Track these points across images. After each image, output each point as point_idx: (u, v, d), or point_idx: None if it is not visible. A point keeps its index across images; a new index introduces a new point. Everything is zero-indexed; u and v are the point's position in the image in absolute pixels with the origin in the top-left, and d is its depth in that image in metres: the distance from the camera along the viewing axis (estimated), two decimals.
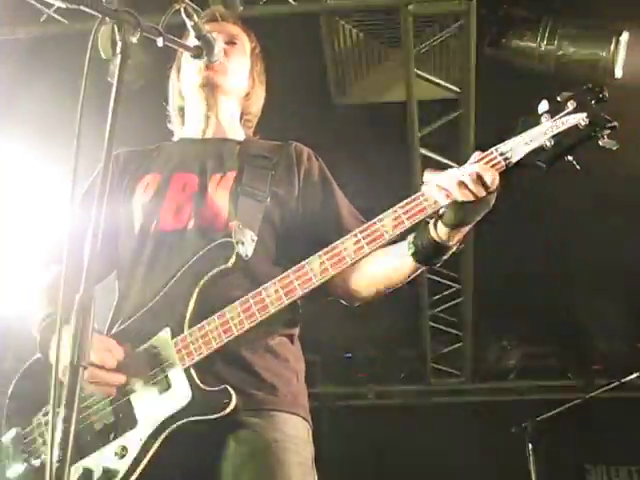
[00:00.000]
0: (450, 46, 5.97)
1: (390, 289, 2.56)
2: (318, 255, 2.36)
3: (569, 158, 2.27)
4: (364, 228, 2.35)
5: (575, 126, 2.23)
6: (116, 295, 2.65)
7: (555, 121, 2.26)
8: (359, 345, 9.64)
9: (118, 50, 1.96)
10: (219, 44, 2.62)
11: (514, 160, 2.24)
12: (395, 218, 2.32)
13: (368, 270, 2.50)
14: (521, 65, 5.59)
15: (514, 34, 5.58)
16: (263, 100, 3.01)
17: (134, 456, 2.29)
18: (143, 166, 2.76)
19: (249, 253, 2.45)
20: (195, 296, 2.40)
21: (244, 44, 2.93)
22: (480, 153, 2.28)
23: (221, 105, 2.84)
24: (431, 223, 2.31)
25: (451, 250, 2.36)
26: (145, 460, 2.28)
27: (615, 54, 5.24)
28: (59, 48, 5.63)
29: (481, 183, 2.18)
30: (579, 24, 5.40)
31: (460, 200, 2.19)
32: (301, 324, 2.65)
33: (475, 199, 2.19)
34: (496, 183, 2.20)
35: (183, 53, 2.83)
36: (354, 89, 6.44)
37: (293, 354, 2.57)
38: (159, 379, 2.36)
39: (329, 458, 3.11)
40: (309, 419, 2.51)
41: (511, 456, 6.54)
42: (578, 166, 2.25)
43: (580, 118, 2.23)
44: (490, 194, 2.21)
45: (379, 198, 2.43)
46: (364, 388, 9.97)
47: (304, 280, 2.35)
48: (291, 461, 2.33)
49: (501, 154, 2.25)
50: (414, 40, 5.66)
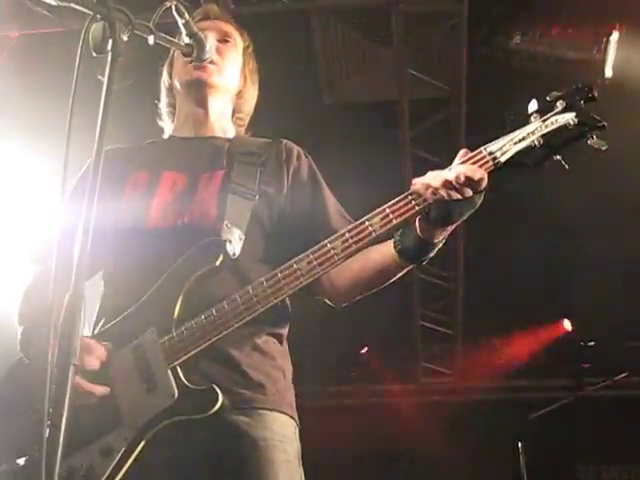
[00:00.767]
0: (441, 45, 5.98)
1: (376, 288, 2.57)
2: (306, 254, 2.35)
3: (558, 158, 2.27)
4: (352, 227, 2.35)
5: (564, 126, 2.24)
6: (101, 294, 2.64)
7: (544, 121, 2.27)
8: (349, 344, 9.65)
9: (109, 48, 1.95)
10: (211, 42, 2.62)
11: (503, 159, 2.25)
12: (383, 217, 2.31)
13: (354, 269, 2.50)
14: (512, 64, 5.60)
15: (505, 34, 5.60)
16: (255, 99, 3.00)
17: (119, 455, 2.27)
18: (132, 163, 2.75)
19: (237, 252, 2.45)
20: (182, 295, 2.39)
21: (237, 42, 2.92)
22: (467, 151, 2.28)
23: (212, 103, 2.83)
24: (417, 221, 2.31)
25: (436, 248, 2.37)
26: (130, 459, 2.27)
27: (605, 54, 5.26)
28: (50, 45, 5.61)
29: (468, 183, 2.18)
30: (570, 24, 5.42)
31: (447, 199, 2.20)
32: (290, 323, 2.65)
33: (462, 199, 2.20)
34: (484, 183, 2.21)
35: (175, 51, 2.82)
36: (345, 88, 6.45)
37: (280, 353, 2.57)
38: (145, 379, 2.34)
39: (317, 457, 3.11)
40: (296, 417, 2.50)
41: (501, 455, 6.56)
42: (567, 166, 2.26)
43: (569, 118, 2.24)
44: (477, 194, 2.22)
45: (370, 197, 2.43)
46: (354, 387, 9.98)
47: (292, 279, 2.34)
48: (279, 459, 2.33)
49: (490, 153, 2.26)
50: (405, 39, 5.67)
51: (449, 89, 6.14)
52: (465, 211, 2.26)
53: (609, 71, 5.30)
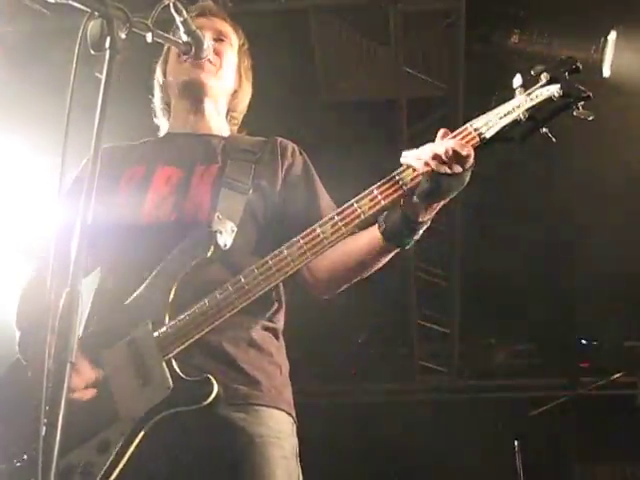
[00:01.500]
0: (439, 44, 5.99)
1: (359, 276, 2.56)
2: (296, 240, 2.35)
3: (544, 131, 2.26)
4: (340, 211, 2.35)
5: (549, 98, 2.24)
6: (95, 287, 2.64)
7: (529, 94, 2.27)
8: (346, 342, 9.64)
9: (107, 45, 1.95)
10: (208, 40, 2.62)
11: (488, 135, 2.25)
12: (372, 199, 2.32)
13: (337, 257, 2.50)
14: (509, 63, 5.60)
15: (503, 32, 5.60)
16: (249, 97, 3.00)
17: (116, 451, 2.27)
18: (128, 160, 2.76)
19: (228, 243, 2.45)
20: (175, 287, 2.39)
21: (232, 41, 2.92)
22: (447, 131, 2.29)
23: (208, 102, 2.83)
24: (402, 200, 2.30)
25: (421, 228, 2.36)
26: (127, 454, 2.27)
27: (603, 53, 5.26)
28: (47, 42, 5.61)
29: (456, 158, 2.18)
30: (567, 23, 5.42)
31: (437, 170, 2.19)
32: (285, 319, 2.65)
33: (451, 173, 2.19)
34: (471, 159, 2.21)
35: (170, 48, 2.82)
36: (343, 86, 6.45)
37: (277, 348, 2.57)
38: (140, 372, 2.34)
39: (315, 455, 3.11)
40: (293, 413, 2.50)
41: (498, 453, 6.57)
42: (554, 139, 2.25)
43: (554, 90, 2.24)
44: (465, 171, 2.22)
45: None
46: (351, 385, 9.97)
47: (283, 265, 2.34)
48: (275, 456, 2.33)
49: (475, 129, 2.26)
50: (403, 37, 5.67)
51: (447, 88, 6.14)
52: (453, 187, 2.26)
53: (607, 71, 5.30)
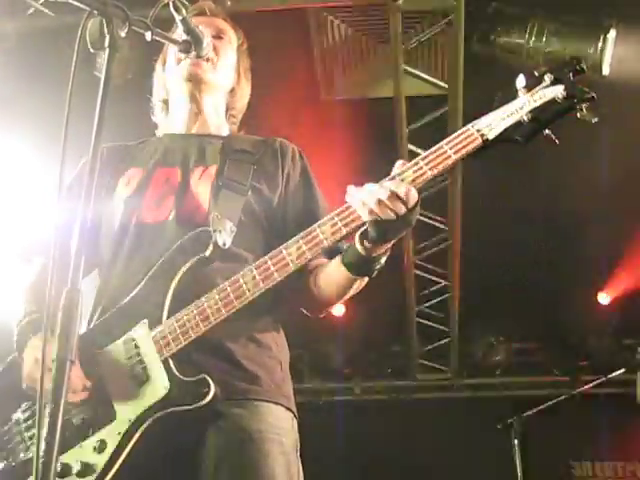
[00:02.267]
0: (438, 42, 5.98)
1: (343, 298, 2.56)
2: (295, 240, 2.35)
3: (547, 132, 2.25)
4: (340, 211, 2.34)
5: (553, 99, 2.22)
6: (96, 287, 2.64)
7: (532, 95, 2.25)
8: (345, 340, 9.64)
9: (106, 44, 1.95)
10: (207, 39, 2.62)
11: (491, 136, 2.23)
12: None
13: (322, 284, 2.52)
14: (509, 62, 5.60)
15: (502, 31, 5.59)
16: (248, 96, 3.00)
17: (113, 450, 2.27)
18: (126, 160, 2.76)
19: (227, 242, 2.44)
20: (173, 287, 2.39)
21: (231, 39, 2.92)
22: (404, 162, 2.28)
23: (206, 100, 2.83)
24: (357, 237, 2.31)
25: (379, 261, 2.36)
26: (124, 454, 2.27)
27: (603, 51, 5.25)
28: (46, 41, 5.60)
29: (399, 199, 2.17)
30: (567, 21, 5.42)
31: (382, 218, 2.18)
32: (286, 314, 2.65)
33: (396, 216, 2.18)
34: (413, 198, 2.20)
35: (169, 46, 2.82)
36: (342, 85, 6.44)
37: (276, 342, 2.56)
38: (137, 372, 2.34)
39: (314, 453, 3.10)
40: (293, 409, 2.50)
41: (497, 452, 6.56)
42: (557, 140, 2.24)
43: (558, 91, 2.22)
44: (410, 211, 2.20)
45: None
46: (350, 383, 9.97)
47: (281, 265, 2.34)
48: (274, 451, 2.33)
49: (477, 130, 2.25)
50: (402, 36, 5.66)
51: (446, 86, 6.13)
52: (401, 228, 2.26)
53: (606, 69, 5.29)
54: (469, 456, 8.43)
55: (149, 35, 2.18)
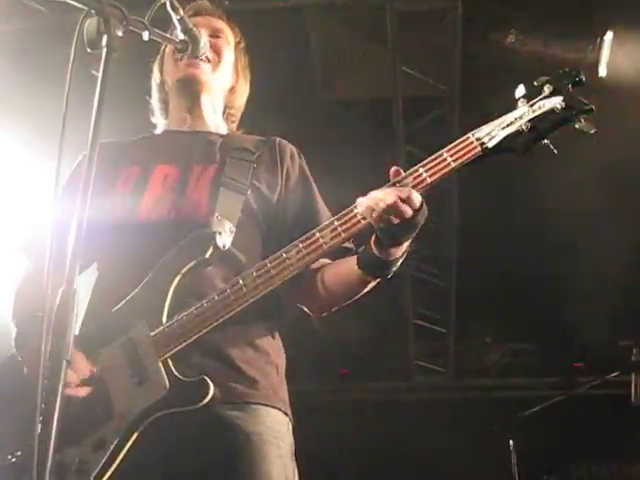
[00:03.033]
0: (436, 43, 5.99)
1: (348, 300, 2.58)
2: (295, 244, 2.36)
3: (546, 142, 2.28)
4: (341, 216, 2.35)
5: (552, 110, 2.25)
6: (93, 286, 2.63)
7: (532, 105, 2.29)
8: (342, 342, 9.64)
9: (104, 43, 1.95)
10: (204, 38, 2.61)
11: (490, 145, 2.26)
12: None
13: (326, 283, 2.54)
14: (506, 63, 5.61)
15: (500, 32, 5.60)
16: (247, 95, 3.00)
17: (111, 449, 2.27)
18: (125, 158, 2.74)
19: (227, 244, 2.44)
20: (173, 288, 2.39)
21: (228, 38, 2.92)
22: (399, 170, 2.29)
23: (204, 99, 2.83)
24: (372, 241, 2.33)
25: (397, 263, 2.38)
26: (122, 453, 2.27)
27: (599, 53, 5.27)
28: (43, 40, 5.60)
29: (404, 203, 2.20)
30: (564, 23, 5.43)
31: (391, 222, 2.21)
32: (284, 319, 2.65)
33: (404, 219, 2.21)
34: (417, 200, 2.22)
35: (167, 46, 2.82)
36: (340, 85, 6.45)
37: (274, 348, 2.56)
38: (136, 372, 2.34)
39: (311, 455, 3.11)
40: (289, 412, 2.50)
41: (493, 453, 6.57)
42: (555, 150, 2.27)
43: (556, 102, 2.25)
44: (417, 213, 2.23)
45: (364, 194, 2.42)
46: (347, 385, 9.97)
47: (281, 268, 2.35)
48: (271, 454, 2.33)
49: (477, 139, 2.27)
50: (400, 37, 5.67)
51: (444, 87, 6.14)
52: (410, 231, 2.28)
53: (603, 70, 5.31)
54: (466, 457, 8.43)
55: (146, 35, 2.18)
